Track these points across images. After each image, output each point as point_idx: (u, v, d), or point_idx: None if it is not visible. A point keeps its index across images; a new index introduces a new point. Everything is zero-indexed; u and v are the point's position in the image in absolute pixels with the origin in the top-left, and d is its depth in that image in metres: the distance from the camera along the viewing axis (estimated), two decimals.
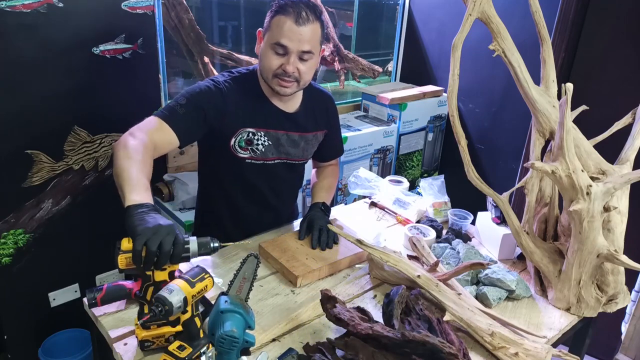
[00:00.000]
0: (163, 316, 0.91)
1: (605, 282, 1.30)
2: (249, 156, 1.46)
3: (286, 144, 1.51)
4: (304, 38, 1.32)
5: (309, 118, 1.55)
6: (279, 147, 1.50)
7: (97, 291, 1.15)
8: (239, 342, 0.95)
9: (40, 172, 1.79)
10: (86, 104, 1.82)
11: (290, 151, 1.53)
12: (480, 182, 1.29)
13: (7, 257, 1.80)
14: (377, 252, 1.22)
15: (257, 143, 1.46)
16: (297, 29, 1.30)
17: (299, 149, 1.55)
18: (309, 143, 1.57)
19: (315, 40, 1.36)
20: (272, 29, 1.33)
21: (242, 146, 1.45)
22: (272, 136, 1.48)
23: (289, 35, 1.31)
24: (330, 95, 1.65)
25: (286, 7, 1.31)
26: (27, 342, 1.95)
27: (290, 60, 1.33)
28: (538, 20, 1.31)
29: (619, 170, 1.29)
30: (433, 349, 0.97)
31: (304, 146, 1.56)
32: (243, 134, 1.44)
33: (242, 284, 1.08)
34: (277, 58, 1.34)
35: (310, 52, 1.35)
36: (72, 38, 1.72)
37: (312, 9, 1.33)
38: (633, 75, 2.13)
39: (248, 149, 1.45)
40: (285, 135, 1.50)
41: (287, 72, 1.34)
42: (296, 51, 1.33)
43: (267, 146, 1.48)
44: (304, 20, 1.31)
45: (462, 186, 1.51)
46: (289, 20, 1.30)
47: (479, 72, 2.54)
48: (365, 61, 2.77)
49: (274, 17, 1.33)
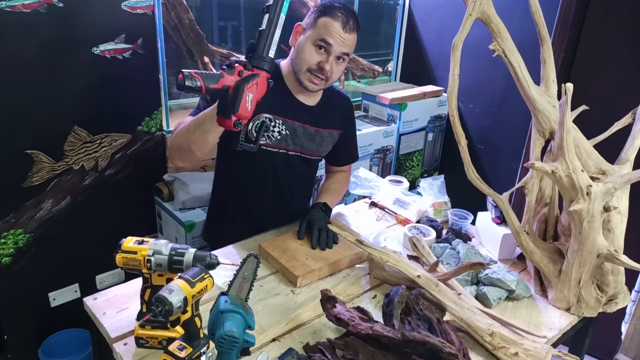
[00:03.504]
0: (163, 316, 0.91)
1: (605, 282, 1.30)
2: (265, 143, 1.49)
3: (302, 136, 1.54)
4: (346, 43, 1.41)
5: (327, 114, 1.58)
6: (295, 139, 1.53)
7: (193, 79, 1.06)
8: (239, 342, 0.95)
9: (40, 172, 1.79)
10: (86, 104, 1.82)
11: (305, 144, 1.55)
12: (480, 182, 1.29)
13: (7, 257, 1.80)
14: (377, 252, 1.22)
15: (273, 130, 1.49)
16: (343, 34, 1.39)
17: (315, 143, 1.57)
18: (324, 139, 1.59)
19: (353, 48, 1.45)
20: (319, 27, 1.39)
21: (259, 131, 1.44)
22: (289, 126, 1.50)
23: (335, 37, 1.39)
24: (349, 99, 1.70)
25: (335, 12, 1.39)
26: (27, 342, 1.95)
27: (329, 59, 1.41)
28: (538, 20, 1.31)
29: (619, 170, 1.29)
30: (433, 349, 0.97)
31: (319, 141, 1.58)
32: (260, 119, 1.46)
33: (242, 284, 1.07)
34: (318, 55, 1.41)
35: (347, 55, 1.44)
36: (72, 38, 1.72)
37: (356, 19, 1.42)
38: (633, 75, 2.13)
39: (264, 135, 1.48)
40: (302, 128, 1.53)
41: (324, 70, 1.41)
42: (337, 52, 1.40)
43: (284, 135, 1.50)
44: (350, 28, 1.40)
45: (462, 186, 1.51)
46: (338, 24, 1.38)
47: (479, 72, 2.54)
48: (365, 61, 2.77)
49: (322, 17, 1.39)
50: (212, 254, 1.05)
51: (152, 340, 1.07)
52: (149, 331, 1.06)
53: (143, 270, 1.04)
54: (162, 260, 1.03)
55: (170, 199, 2.07)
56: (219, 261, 1.04)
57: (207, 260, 1.03)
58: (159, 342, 1.07)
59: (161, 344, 1.07)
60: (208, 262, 1.03)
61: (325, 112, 1.58)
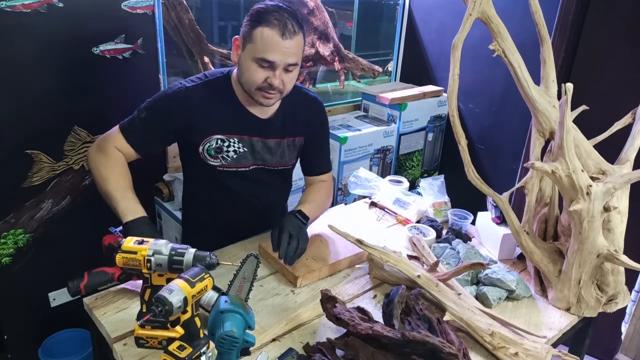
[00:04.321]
0: (163, 316, 0.91)
1: (605, 282, 1.30)
2: (220, 164, 1.42)
3: (262, 151, 1.45)
4: (290, 51, 1.26)
5: (286, 123, 1.47)
6: (255, 154, 1.44)
7: (79, 279, 1.15)
8: (238, 342, 0.95)
9: (40, 172, 1.79)
10: (86, 104, 1.82)
11: (266, 157, 1.46)
12: (480, 182, 1.29)
13: (7, 257, 1.80)
14: (377, 252, 1.23)
15: (227, 150, 1.41)
16: (283, 43, 1.24)
17: (277, 155, 1.48)
18: (287, 149, 1.49)
19: (300, 51, 1.31)
20: (256, 41, 1.25)
21: (212, 154, 1.40)
22: (246, 142, 1.42)
23: (275, 50, 1.24)
24: (319, 103, 1.54)
25: (269, 18, 1.23)
26: (27, 342, 1.95)
27: (276, 74, 1.28)
28: (538, 20, 1.31)
29: (619, 170, 1.29)
30: (433, 349, 0.97)
31: (281, 152, 1.48)
32: (212, 141, 1.39)
33: (242, 284, 1.08)
34: (262, 71, 1.28)
35: (296, 64, 1.30)
36: (72, 38, 1.72)
37: (295, 18, 1.27)
38: (633, 75, 2.13)
39: (218, 157, 1.41)
40: (260, 142, 1.44)
41: (273, 86, 1.29)
42: (282, 65, 1.27)
43: (242, 153, 1.42)
44: (290, 33, 1.24)
45: (462, 186, 1.51)
46: (274, 33, 1.23)
47: (479, 72, 2.54)
48: (365, 61, 2.77)
49: (257, 28, 1.24)
50: (212, 254, 1.04)
51: (152, 340, 1.07)
52: (149, 331, 1.06)
53: (143, 270, 1.04)
54: (162, 260, 1.03)
55: (170, 199, 2.07)
56: (219, 261, 1.04)
57: (207, 260, 1.03)
58: (159, 342, 1.07)
59: (161, 344, 1.07)
60: (208, 262, 1.03)
61: (285, 120, 1.46)
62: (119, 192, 1.30)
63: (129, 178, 1.36)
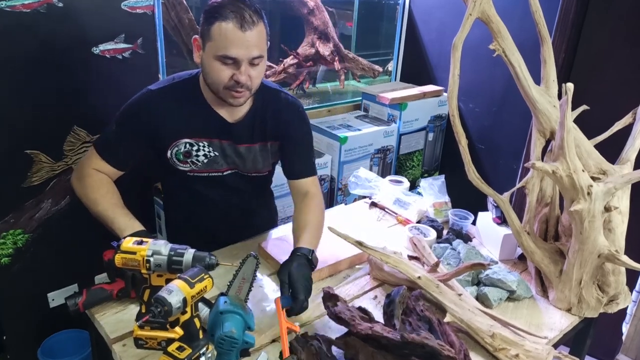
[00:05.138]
0: (162, 317, 0.91)
1: (606, 282, 1.30)
2: (190, 169, 1.38)
3: (233, 155, 1.39)
4: (252, 43, 1.19)
5: (255, 127, 1.39)
6: (226, 158, 1.39)
7: (77, 296, 1.15)
8: (238, 343, 0.95)
9: (40, 172, 1.79)
10: (86, 104, 1.82)
11: (238, 162, 1.41)
12: (480, 182, 1.29)
13: (6, 258, 1.80)
14: (377, 254, 1.22)
15: (196, 154, 1.36)
16: (243, 35, 1.17)
17: (249, 160, 1.41)
18: (259, 154, 1.42)
19: (263, 42, 1.23)
20: (215, 38, 1.18)
21: (181, 159, 1.36)
22: (216, 146, 1.37)
23: (236, 44, 1.18)
24: (295, 105, 1.45)
25: (225, 12, 1.17)
26: (26, 343, 1.95)
27: (242, 70, 1.21)
28: (538, 20, 1.31)
29: (620, 170, 1.29)
30: (432, 352, 0.97)
31: (253, 158, 1.42)
32: (180, 145, 1.34)
33: (241, 284, 1.07)
34: (227, 69, 1.21)
35: (261, 57, 1.23)
36: (72, 38, 1.72)
37: (252, 7, 1.20)
38: (633, 75, 2.12)
39: (187, 162, 1.36)
40: (231, 146, 1.38)
41: (240, 83, 1.22)
42: (246, 59, 1.20)
43: (212, 157, 1.37)
44: (249, 24, 1.17)
45: (462, 186, 1.50)
46: (233, 26, 1.16)
47: (479, 72, 2.53)
48: (365, 61, 2.77)
49: (214, 24, 1.18)
50: (212, 255, 1.04)
51: (151, 341, 1.06)
52: (148, 332, 1.06)
53: (142, 271, 1.04)
54: (161, 260, 1.03)
55: None
56: (218, 262, 1.04)
57: (206, 260, 1.03)
58: (158, 343, 1.06)
59: (160, 344, 1.06)
60: (207, 263, 1.03)
61: (253, 124, 1.38)
62: (110, 211, 1.29)
63: (118, 196, 1.34)
